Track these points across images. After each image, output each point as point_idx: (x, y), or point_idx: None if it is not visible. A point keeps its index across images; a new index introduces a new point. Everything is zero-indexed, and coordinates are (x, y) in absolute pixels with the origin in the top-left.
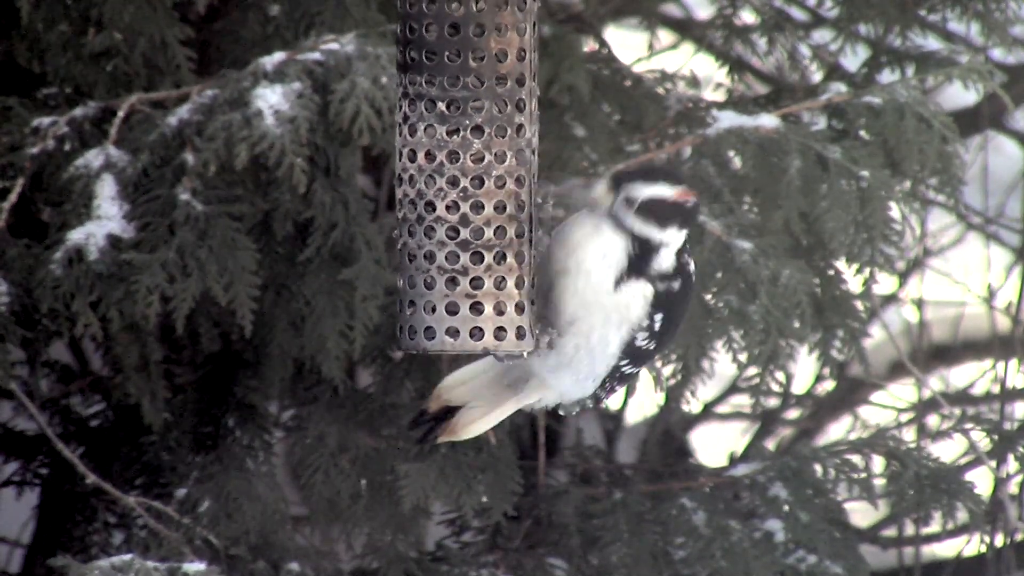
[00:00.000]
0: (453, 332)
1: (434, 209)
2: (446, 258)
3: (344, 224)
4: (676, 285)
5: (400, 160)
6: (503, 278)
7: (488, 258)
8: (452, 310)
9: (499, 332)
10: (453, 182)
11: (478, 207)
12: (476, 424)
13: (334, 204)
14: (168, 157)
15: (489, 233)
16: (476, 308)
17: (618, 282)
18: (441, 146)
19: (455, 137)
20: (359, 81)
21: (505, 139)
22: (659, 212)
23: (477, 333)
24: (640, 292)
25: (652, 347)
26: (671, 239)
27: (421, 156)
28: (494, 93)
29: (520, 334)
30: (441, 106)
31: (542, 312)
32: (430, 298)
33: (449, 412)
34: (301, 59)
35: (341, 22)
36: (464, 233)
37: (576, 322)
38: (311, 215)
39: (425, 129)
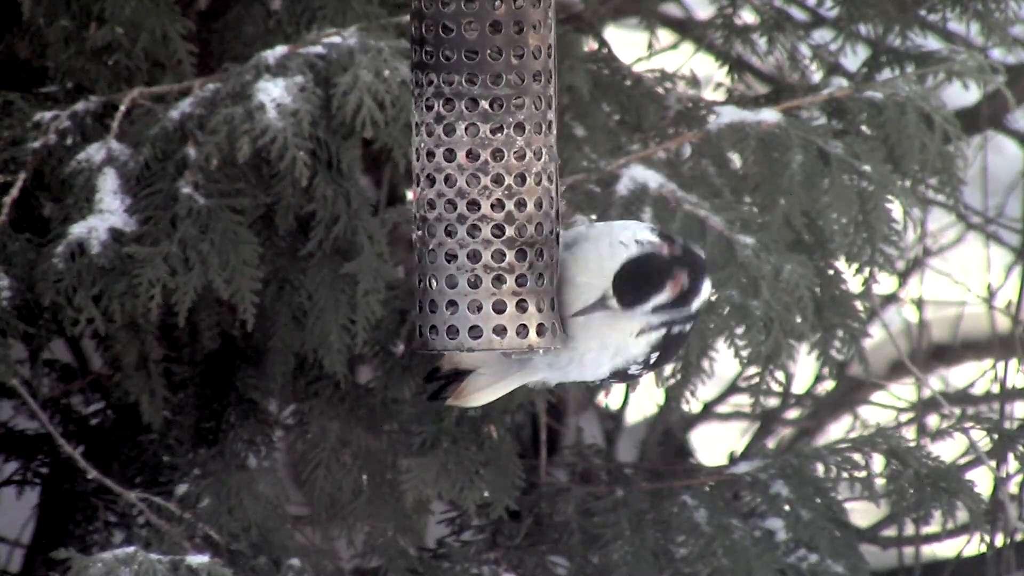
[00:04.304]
0: (500, 330)
1: (479, 207)
2: (492, 256)
3: (346, 218)
4: (688, 327)
5: (432, 159)
6: (541, 275)
7: (530, 255)
8: (499, 308)
9: (540, 328)
10: (498, 180)
11: (521, 204)
12: (482, 393)
13: (336, 198)
14: (170, 151)
15: (531, 230)
16: (521, 305)
17: (641, 333)
18: (485, 144)
19: (499, 135)
20: (361, 74)
21: (541, 136)
22: (672, 306)
23: (522, 330)
24: (646, 340)
25: (643, 373)
26: (700, 301)
27: (462, 155)
28: (532, 90)
29: (554, 330)
30: (484, 104)
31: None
32: (476, 297)
33: (459, 375)
34: (303, 53)
35: (343, 16)
36: (509, 230)
37: (575, 339)
38: (313, 209)
39: (467, 128)
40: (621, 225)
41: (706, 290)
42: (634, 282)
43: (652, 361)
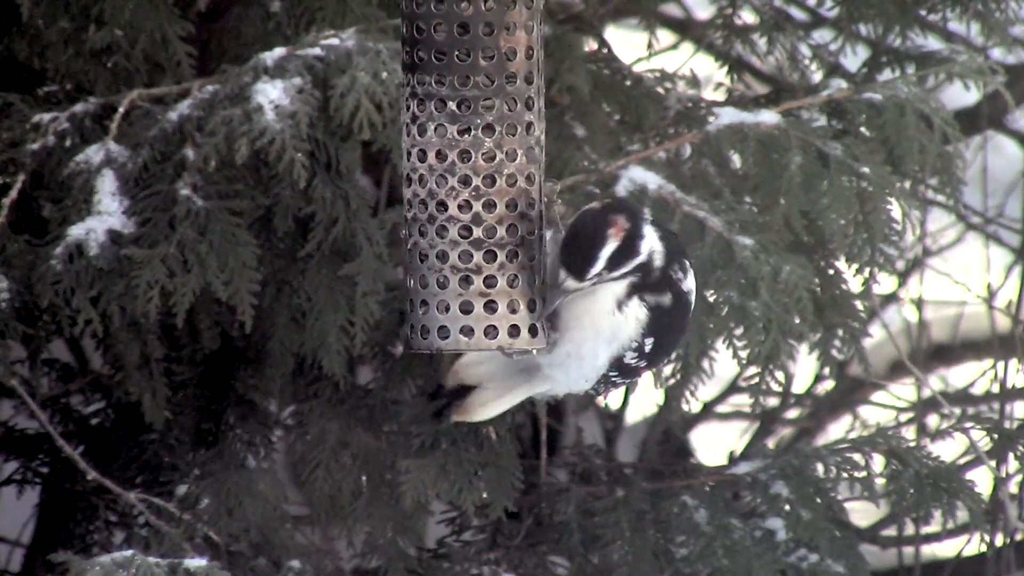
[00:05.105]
0: (467, 331)
1: (446, 208)
2: (459, 257)
3: (345, 219)
4: (667, 300)
5: (409, 160)
6: (516, 276)
7: (501, 256)
8: (466, 309)
9: (513, 330)
10: (465, 181)
11: (490, 206)
12: (489, 407)
13: (335, 199)
14: (168, 152)
15: (502, 231)
16: (490, 306)
17: (620, 305)
18: (452, 145)
19: (466, 136)
20: (359, 76)
21: (516, 137)
22: (624, 255)
23: (491, 331)
24: (634, 314)
25: (642, 365)
26: (648, 246)
27: (432, 156)
28: (504, 91)
29: (533, 332)
30: (452, 105)
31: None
32: (443, 297)
33: (463, 390)
34: (301, 54)
35: (341, 17)
36: (477, 232)
37: (569, 331)
38: (312, 210)
39: (435, 129)
40: None
41: (651, 236)
42: (577, 249)
43: (648, 348)
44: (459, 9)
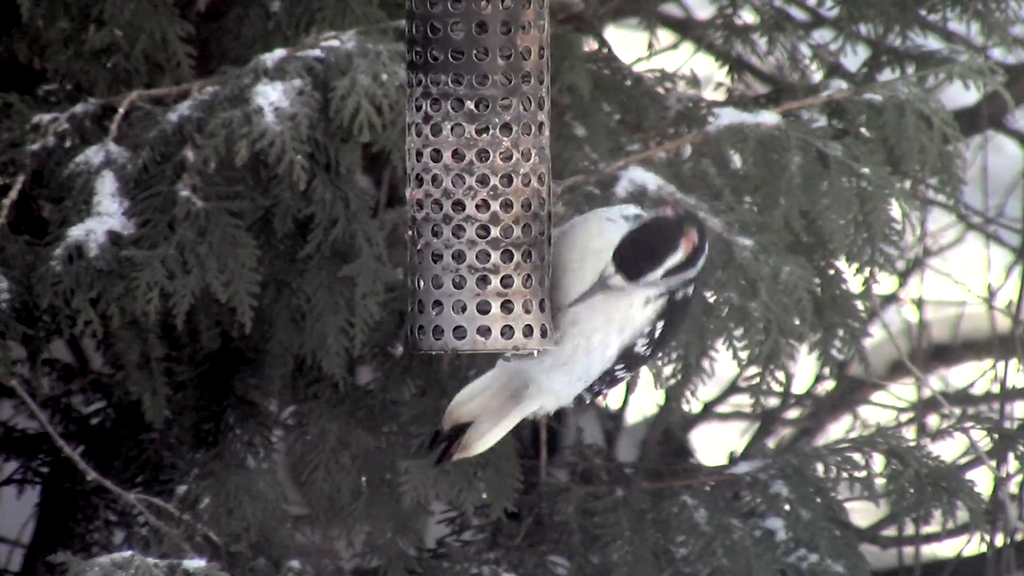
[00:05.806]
0: (484, 331)
1: (463, 208)
2: (477, 257)
3: (344, 221)
4: (689, 291)
5: (421, 160)
6: (529, 276)
7: (517, 256)
8: (483, 309)
9: (527, 330)
10: (483, 180)
11: (507, 205)
12: (485, 438)
13: (334, 201)
14: (168, 154)
15: (518, 231)
16: (506, 306)
17: (647, 301)
18: (471, 144)
19: (485, 135)
20: (360, 78)
21: (530, 137)
22: (682, 268)
23: (508, 331)
24: (652, 307)
25: (648, 353)
26: (701, 262)
27: (448, 155)
28: (520, 91)
29: (544, 331)
30: (470, 104)
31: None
32: (460, 297)
33: (460, 430)
34: (302, 56)
35: (342, 17)
36: (495, 231)
37: (578, 323)
38: (311, 212)
39: (452, 128)
40: (609, 207)
41: (706, 248)
42: (642, 251)
43: (658, 334)
44: (478, 8)
